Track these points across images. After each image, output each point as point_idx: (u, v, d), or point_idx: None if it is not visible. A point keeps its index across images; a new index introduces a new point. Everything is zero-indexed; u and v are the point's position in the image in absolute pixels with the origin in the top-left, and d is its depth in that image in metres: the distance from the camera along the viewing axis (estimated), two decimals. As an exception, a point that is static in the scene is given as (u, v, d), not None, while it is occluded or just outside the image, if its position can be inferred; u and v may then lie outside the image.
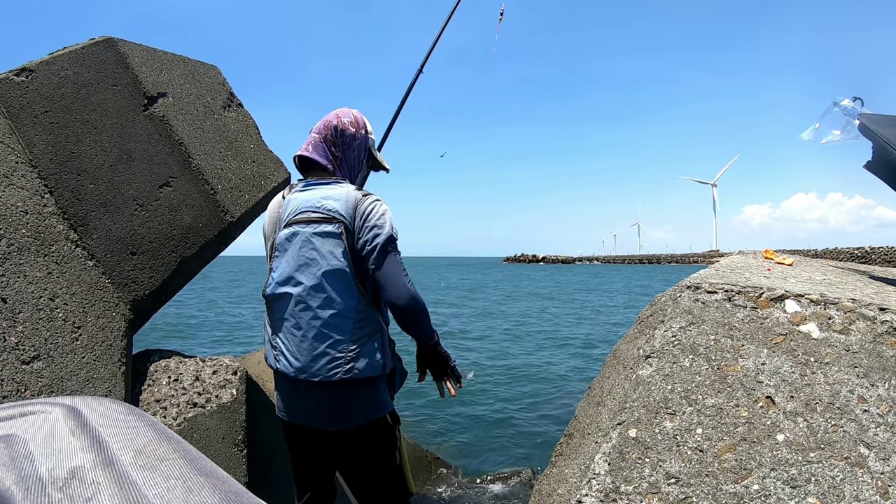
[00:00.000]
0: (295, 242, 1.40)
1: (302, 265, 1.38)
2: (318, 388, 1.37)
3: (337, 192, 1.42)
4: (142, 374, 2.09)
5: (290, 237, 1.41)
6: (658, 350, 1.44)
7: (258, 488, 2.13)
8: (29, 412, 0.60)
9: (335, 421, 1.39)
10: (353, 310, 1.35)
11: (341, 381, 1.34)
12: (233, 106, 2.51)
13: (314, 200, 1.41)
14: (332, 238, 1.37)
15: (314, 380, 1.34)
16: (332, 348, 1.34)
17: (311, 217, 1.39)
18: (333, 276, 1.35)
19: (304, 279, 1.37)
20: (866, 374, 1.28)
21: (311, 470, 1.51)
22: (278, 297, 1.41)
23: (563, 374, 7.98)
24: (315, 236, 1.38)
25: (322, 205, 1.40)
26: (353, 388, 1.37)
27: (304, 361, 1.35)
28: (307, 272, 1.37)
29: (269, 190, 2.47)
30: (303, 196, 1.45)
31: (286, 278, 1.40)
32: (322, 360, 1.34)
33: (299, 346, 1.36)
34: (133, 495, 0.47)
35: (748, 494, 1.13)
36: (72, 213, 2.02)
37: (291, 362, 1.37)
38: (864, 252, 37.45)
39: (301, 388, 1.40)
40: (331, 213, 1.38)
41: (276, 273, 1.42)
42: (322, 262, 1.36)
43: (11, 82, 2.01)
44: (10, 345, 1.70)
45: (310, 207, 1.41)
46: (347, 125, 1.52)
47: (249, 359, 3.05)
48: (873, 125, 2.03)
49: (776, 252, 2.51)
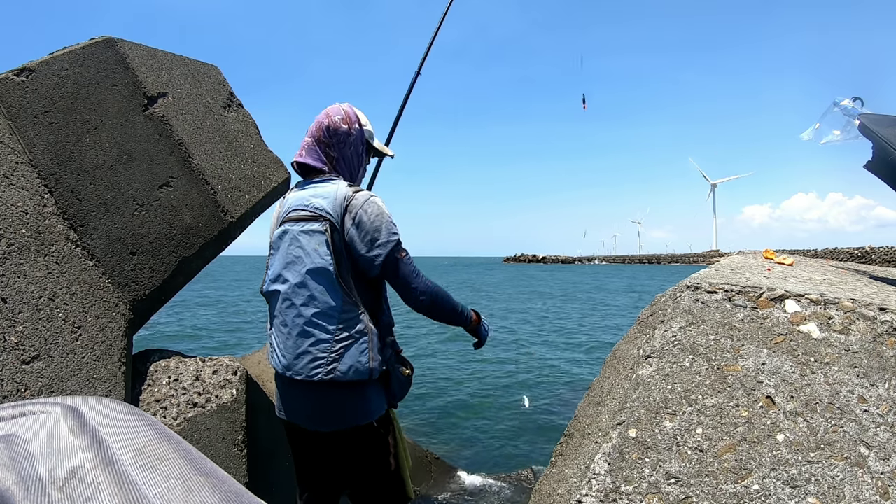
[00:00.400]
0: (285, 240, 1.41)
1: (289, 263, 1.39)
2: (304, 388, 1.36)
3: (327, 189, 1.42)
4: (142, 374, 2.09)
5: (281, 235, 1.43)
6: (658, 350, 1.44)
7: (258, 488, 2.13)
8: (29, 412, 0.60)
9: (320, 422, 1.38)
10: (336, 309, 1.34)
11: (323, 381, 1.32)
12: (233, 106, 2.51)
13: (304, 199, 1.42)
14: (318, 235, 1.37)
15: (297, 378, 1.34)
16: (314, 347, 1.33)
17: (300, 215, 1.40)
18: (317, 274, 1.35)
19: (290, 276, 1.38)
20: (866, 374, 1.28)
21: (309, 469, 1.51)
22: (271, 295, 1.43)
23: (565, 373, 7.98)
24: (302, 234, 1.38)
25: (310, 203, 1.40)
26: (337, 391, 1.35)
27: (289, 359, 1.36)
28: (293, 270, 1.38)
29: (269, 190, 2.47)
30: (296, 194, 1.46)
31: (276, 276, 1.41)
32: (304, 358, 1.33)
33: (286, 344, 1.37)
34: (133, 495, 0.47)
35: (748, 494, 1.13)
36: (72, 213, 2.02)
37: (280, 360, 1.38)
38: (864, 252, 37.44)
39: (291, 386, 1.40)
40: (317, 211, 1.38)
41: (270, 271, 1.44)
42: (307, 260, 1.36)
43: (11, 82, 2.01)
44: (10, 345, 1.70)
45: (299, 206, 1.42)
46: (339, 123, 1.50)
47: (249, 359, 3.05)
48: (873, 125, 2.03)
49: (776, 252, 2.51)
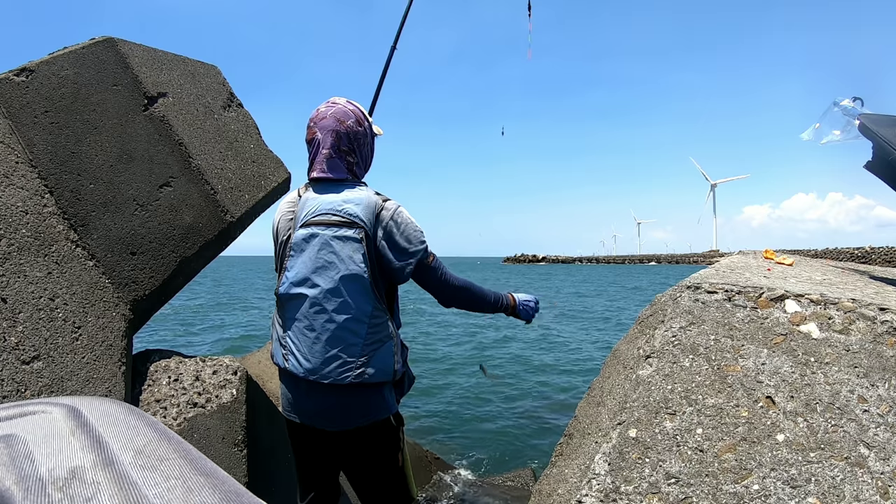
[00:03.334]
0: (313, 244, 1.38)
1: (320, 267, 1.37)
2: (325, 390, 1.36)
3: (358, 195, 1.41)
4: (142, 374, 2.09)
5: (307, 238, 1.39)
6: (658, 350, 1.44)
7: (258, 488, 2.13)
8: (29, 412, 0.60)
9: (339, 422, 1.39)
10: (367, 315, 1.35)
11: (351, 384, 1.34)
12: (233, 106, 2.51)
13: (335, 203, 1.39)
14: (353, 242, 1.36)
15: (324, 382, 1.34)
16: (345, 352, 1.33)
17: (332, 220, 1.38)
18: (351, 281, 1.35)
19: (321, 282, 1.36)
20: (866, 374, 1.28)
21: (314, 470, 1.51)
22: (292, 297, 1.40)
23: (564, 372, 7.98)
24: (335, 240, 1.37)
25: (343, 209, 1.38)
26: (361, 392, 1.37)
27: (315, 363, 1.35)
28: (325, 275, 1.36)
29: (269, 190, 2.47)
30: (323, 198, 1.42)
31: (302, 279, 1.38)
32: (334, 363, 1.33)
33: (311, 348, 1.36)
34: (133, 495, 0.47)
35: (748, 494, 1.13)
36: (72, 213, 2.02)
37: (301, 363, 1.37)
38: (864, 252, 37.44)
39: (307, 388, 1.39)
40: (352, 218, 1.37)
41: (291, 273, 1.40)
42: (341, 266, 1.35)
43: (11, 82, 2.01)
44: (10, 345, 1.70)
45: (330, 210, 1.39)
46: (355, 127, 1.47)
47: (249, 359, 3.06)
48: (873, 125, 2.03)
49: (776, 252, 2.51)
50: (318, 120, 1.46)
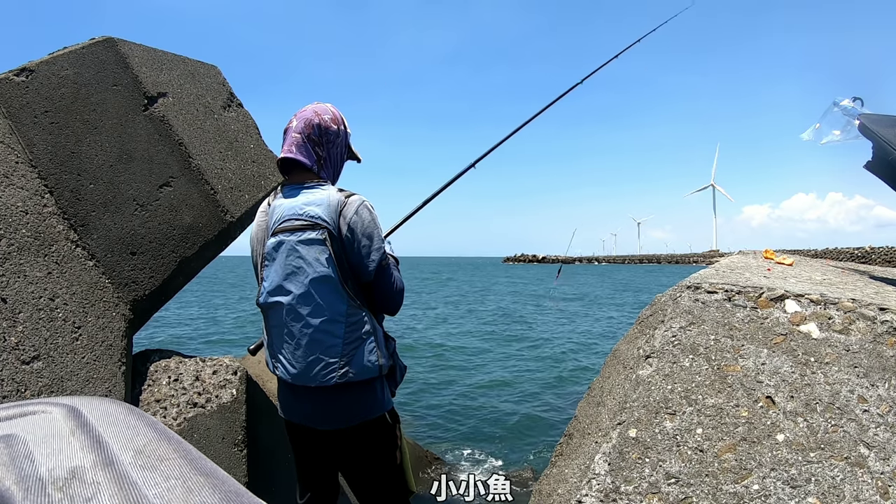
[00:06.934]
0: (281, 251, 1.40)
1: (289, 274, 1.38)
2: (314, 393, 1.38)
3: (319, 196, 1.41)
4: (142, 374, 2.09)
5: (276, 246, 1.41)
6: (658, 350, 1.44)
7: (258, 488, 2.13)
8: (29, 412, 0.60)
9: (332, 421, 1.40)
10: (342, 314, 1.36)
11: (337, 385, 1.35)
12: (233, 106, 2.51)
13: (297, 207, 1.40)
14: (317, 245, 1.36)
15: (311, 385, 1.36)
16: (326, 354, 1.34)
17: (295, 225, 1.39)
18: (321, 283, 1.36)
19: (292, 288, 1.37)
20: (866, 374, 1.28)
21: (313, 469, 1.52)
22: (271, 306, 1.41)
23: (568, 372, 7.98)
24: (300, 244, 1.37)
25: (305, 211, 1.39)
26: (349, 391, 1.38)
27: (300, 368, 1.36)
28: (295, 281, 1.37)
29: (268, 190, 2.47)
30: (287, 203, 1.43)
31: (276, 287, 1.40)
32: (316, 366, 1.35)
33: (294, 354, 1.37)
34: (133, 495, 0.47)
35: (748, 494, 1.13)
36: (72, 213, 2.02)
37: (288, 369, 1.38)
38: (864, 252, 37.45)
39: (297, 392, 1.41)
40: (314, 220, 1.38)
41: (267, 283, 1.42)
42: (309, 270, 1.36)
43: (11, 82, 2.01)
44: (10, 345, 1.70)
45: (293, 215, 1.40)
46: (329, 123, 1.50)
47: (249, 359, 3.05)
48: (873, 125, 2.03)
49: (776, 252, 2.51)
50: (299, 112, 1.52)
